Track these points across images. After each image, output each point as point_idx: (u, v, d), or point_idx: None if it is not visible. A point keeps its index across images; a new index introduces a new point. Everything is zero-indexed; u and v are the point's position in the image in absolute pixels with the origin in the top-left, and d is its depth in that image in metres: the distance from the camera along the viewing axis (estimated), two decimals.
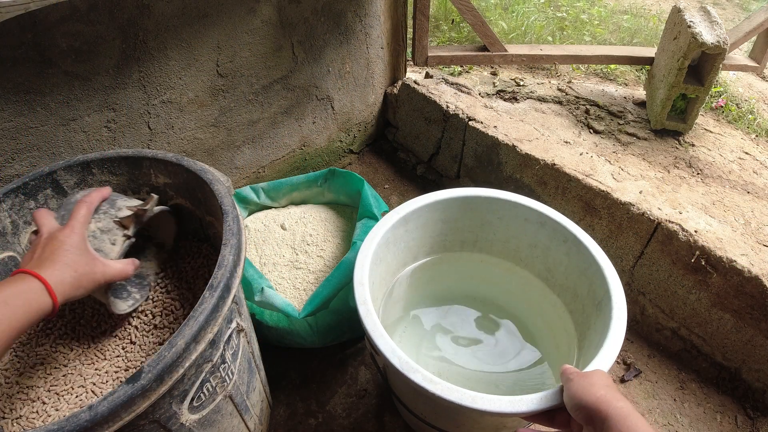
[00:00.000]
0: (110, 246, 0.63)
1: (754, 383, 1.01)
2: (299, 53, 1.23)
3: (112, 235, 0.64)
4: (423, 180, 1.54)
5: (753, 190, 1.17)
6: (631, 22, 2.23)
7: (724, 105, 1.51)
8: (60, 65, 0.84)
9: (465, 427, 0.77)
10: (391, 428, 0.96)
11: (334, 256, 1.08)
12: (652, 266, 1.07)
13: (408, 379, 0.62)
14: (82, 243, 0.58)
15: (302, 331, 0.95)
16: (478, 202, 0.92)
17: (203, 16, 1.00)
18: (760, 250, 0.96)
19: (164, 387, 0.48)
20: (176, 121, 1.07)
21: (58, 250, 0.55)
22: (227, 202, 0.66)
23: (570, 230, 0.85)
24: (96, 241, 0.62)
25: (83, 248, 0.58)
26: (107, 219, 0.65)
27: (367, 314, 0.70)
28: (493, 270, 1.01)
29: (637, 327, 1.15)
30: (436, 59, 1.47)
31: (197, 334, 0.51)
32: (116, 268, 0.60)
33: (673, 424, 0.98)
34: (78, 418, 0.43)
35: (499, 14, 2.18)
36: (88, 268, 0.57)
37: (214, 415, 0.62)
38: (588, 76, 1.74)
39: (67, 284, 0.53)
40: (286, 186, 1.19)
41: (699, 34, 1.17)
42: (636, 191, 1.08)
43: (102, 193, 0.66)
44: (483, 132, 1.28)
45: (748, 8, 2.52)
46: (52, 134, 0.89)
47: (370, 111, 1.56)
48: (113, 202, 0.67)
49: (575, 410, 0.53)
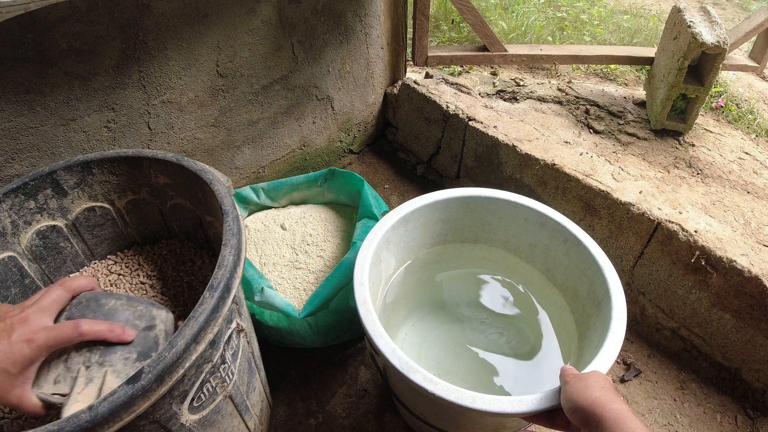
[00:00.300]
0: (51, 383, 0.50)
1: (754, 383, 1.01)
2: (299, 53, 1.23)
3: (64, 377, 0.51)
4: (423, 180, 1.54)
5: (753, 190, 1.17)
6: (631, 22, 2.23)
7: (724, 105, 1.51)
8: (60, 65, 0.84)
9: (465, 427, 0.77)
10: (391, 428, 0.96)
11: (334, 256, 1.08)
12: (652, 266, 1.07)
13: (408, 379, 0.62)
14: (20, 360, 0.47)
15: (302, 331, 0.95)
16: (478, 202, 0.92)
17: (203, 16, 1.00)
18: (760, 250, 0.96)
19: (164, 387, 0.48)
20: (176, 121, 1.07)
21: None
22: (227, 202, 0.66)
23: (570, 230, 0.85)
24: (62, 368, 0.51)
25: (18, 367, 0.47)
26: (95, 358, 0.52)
27: (367, 314, 0.70)
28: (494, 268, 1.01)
29: (637, 327, 1.15)
30: (436, 59, 1.47)
31: (197, 335, 0.51)
32: (30, 408, 0.49)
33: (673, 424, 0.98)
34: (78, 419, 0.43)
35: (499, 14, 2.18)
36: (1, 391, 0.47)
37: (214, 415, 0.62)
38: (588, 76, 1.74)
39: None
40: (286, 186, 1.19)
41: (699, 34, 1.17)
42: (636, 191, 1.08)
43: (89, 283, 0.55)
44: (483, 132, 1.28)
45: (748, 8, 2.52)
46: (52, 134, 0.89)
47: (370, 111, 1.56)
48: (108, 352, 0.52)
49: (571, 413, 0.53)
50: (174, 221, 0.82)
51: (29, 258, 0.71)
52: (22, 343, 0.47)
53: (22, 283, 0.70)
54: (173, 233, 0.85)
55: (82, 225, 0.76)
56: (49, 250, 0.73)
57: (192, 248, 0.83)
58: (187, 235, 0.84)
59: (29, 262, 0.71)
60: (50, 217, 0.72)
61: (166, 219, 0.82)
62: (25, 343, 0.47)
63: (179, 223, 0.83)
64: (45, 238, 0.72)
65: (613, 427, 0.47)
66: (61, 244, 0.75)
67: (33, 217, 0.70)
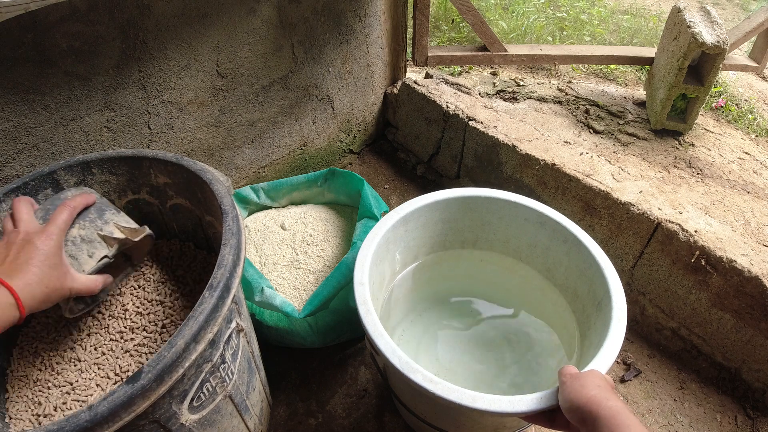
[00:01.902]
0: (86, 257, 0.60)
1: (754, 383, 1.01)
2: (299, 53, 1.23)
3: (92, 247, 0.61)
4: (423, 180, 1.54)
5: (753, 190, 1.17)
6: (631, 22, 2.23)
7: (724, 105, 1.51)
8: (60, 65, 0.84)
9: (465, 426, 0.77)
10: (391, 428, 0.96)
11: (334, 256, 1.08)
12: (652, 266, 1.07)
13: (408, 379, 0.62)
14: (57, 253, 0.56)
15: (302, 331, 0.95)
16: (478, 202, 0.92)
17: (203, 16, 1.00)
18: (760, 250, 0.96)
19: (164, 387, 0.48)
20: (176, 121, 1.07)
21: (32, 260, 0.53)
22: (227, 202, 0.66)
23: (570, 230, 0.85)
24: (74, 247, 0.60)
25: (57, 260, 0.56)
26: (92, 229, 0.62)
27: (367, 314, 0.70)
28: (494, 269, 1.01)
29: (637, 327, 1.15)
30: (436, 59, 1.47)
31: (197, 334, 0.51)
32: (85, 284, 0.59)
33: (673, 424, 0.98)
34: (78, 419, 0.43)
35: (499, 14, 2.19)
36: (59, 283, 0.55)
37: (214, 415, 0.62)
38: (588, 76, 1.74)
39: (37, 299, 0.53)
40: (286, 186, 1.19)
41: (699, 34, 1.17)
42: (636, 191, 1.08)
43: (87, 198, 0.64)
44: (483, 132, 1.28)
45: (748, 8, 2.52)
46: (52, 134, 0.89)
47: (370, 111, 1.56)
48: (101, 212, 0.64)
49: (569, 412, 0.53)
50: (174, 221, 0.82)
51: None
52: (45, 239, 0.56)
53: None
54: (173, 233, 0.85)
55: None
56: None
57: (192, 248, 0.83)
58: (187, 235, 0.84)
59: None
60: None
61: (166, 219, 0.82)
62: (46, 238, 0.56)
63: (179, 223, 0.83)
64: None
65: (609, 425, 0.47)
66: None
67: None
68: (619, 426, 0.46)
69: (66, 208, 0.60)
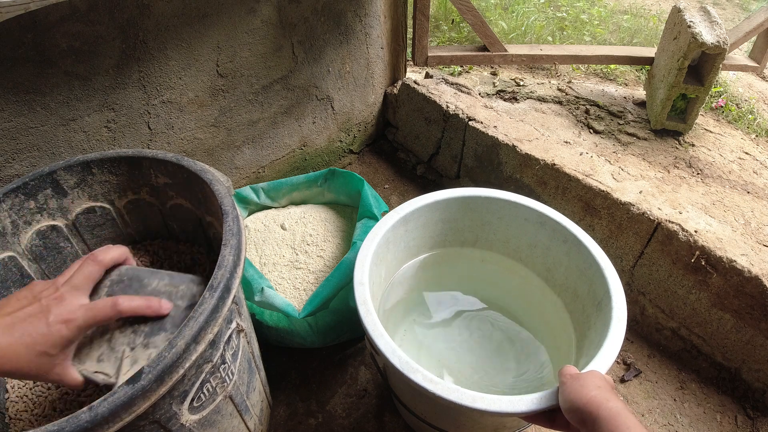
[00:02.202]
0: (112, 365, 0.51)
1: (754, 383, 1.01)
2: (299, 53, 1.23)
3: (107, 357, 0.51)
4: (423, 180, 1.54)
5: (753, 190, 1.17)
6: (631, 22, 2.23)
7: (724, 105, 1.51)
8: (60, 65, 0.84)
9: (465, 427, 0.77)
10: (391, 428, 0.96)
11: (334, 256, 1.08)
12: (652, 266, 1.07)
13: (408, 379, 0.62)
14: (57, 336, 0.46)
15: (302, 331, 0.95)
16: (478, 202, 0.92)
17: (203, 16, 1.00)
18: (760, 250, 0.96)
19: (164, 387, 0.48)
20: (176, 121, 1.07)
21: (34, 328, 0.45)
22: (227, 202, 0.66)
23: (570, 230, 0.85)
24: (106, 347, 0.51)
25: (56, 344, 0.46)
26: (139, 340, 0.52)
27: (367, 314, 0.70)
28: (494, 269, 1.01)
29: (637, 327, 1.15)
30: (436, 59, 1.47)
31: (197, 335, 0.51)
32: (72, 382, 0.50)
33: (673, 424, 0.98)
34: (78, 419, 0.43)
35: (499, 14, 2.19)
36: (43, 371, 0.46)
37: (214, 415, 0.62)
38: (588, 76, 1.74)
39: (12, 364, 0.44)
40: (286, 186, 1.19)
41: (699, 34, 1.17)
42: (636, 191, 1.08)
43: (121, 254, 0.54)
44: (483, 132, 1.28)
45: (748, 8, 2.52)
46: (52, 134, 0.89)
47: (370, 111, 1.56)
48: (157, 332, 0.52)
49: (568, 412, 0.53)
50: (174, 221, 0.82)
51: (29, 258, 0.71)
52: (61, 324, 0.47)
53: (22, 282, 0.70)
54: (173, 233, 0.85)
55: (82, 225, 0.76)
56: (49, 250, 0.73)
57: (192, 248, 0.83)
58: (187, 235, 0.84)
59: (29, 262, 0.71)
60: (50, 217, 0.72)
61: (166, 219, 0.82)
62: (63, 324, 0.47)
63: (179, 223, 0.83)
64: (45, 238, 0.72)
65: (609, 426, 0.47)
66: (61, 244, 0.75)
67: (33, 217, 0.70)
68: (619, 427, 0.46)
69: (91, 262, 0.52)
